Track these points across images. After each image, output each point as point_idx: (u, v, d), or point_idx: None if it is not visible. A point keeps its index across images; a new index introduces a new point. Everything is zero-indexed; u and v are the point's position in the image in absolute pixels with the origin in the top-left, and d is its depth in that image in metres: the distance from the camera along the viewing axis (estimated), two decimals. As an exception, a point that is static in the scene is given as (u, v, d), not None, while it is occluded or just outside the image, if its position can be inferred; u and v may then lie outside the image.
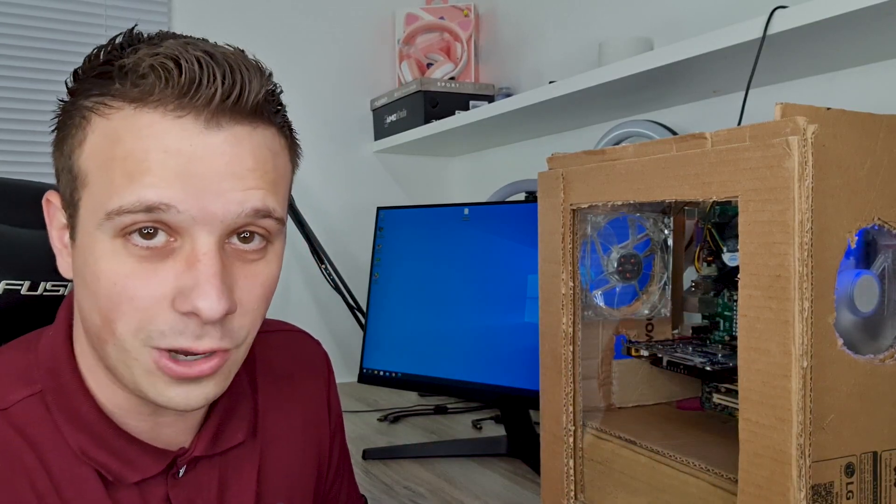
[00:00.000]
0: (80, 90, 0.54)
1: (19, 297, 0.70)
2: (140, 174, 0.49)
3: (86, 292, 0.53)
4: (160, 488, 0.59)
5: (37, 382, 0.57)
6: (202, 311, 0.50)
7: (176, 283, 0.51)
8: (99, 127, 0.51)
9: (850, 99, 1.08)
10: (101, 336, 0.53)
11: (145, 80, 0.50)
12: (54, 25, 1.67)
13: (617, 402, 0.84)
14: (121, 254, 0.51)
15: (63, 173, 0.54)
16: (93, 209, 0.51)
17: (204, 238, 0.51)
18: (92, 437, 0.56)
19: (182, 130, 0.50)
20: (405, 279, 1.43)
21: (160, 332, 0.51)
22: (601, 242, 0.81)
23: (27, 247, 0.72)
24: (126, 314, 0.51)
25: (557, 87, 1.32)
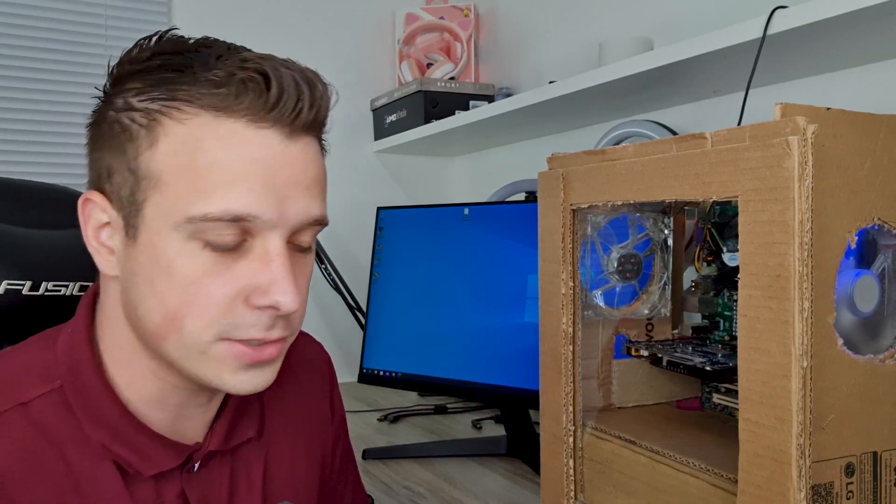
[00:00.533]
0: (135, 91, 0.54)
1: (21, 297, 0.70)
2: (226, 184, 0.52)
3: (148, 290, 0.54)
4: (176, 483, 0.60)
5: (56, 379, 0.57)
6: (282, 305, 0.53)
7: (250, 280, 0.54)
8: (173, 131, 0.53)
9: (850, 99, 1.08)
10: (159, 333, 0.54)
11: (227, 90, 0.52)
12: (54, 25, 1.67)
13: (617, 402, 0.84)
14: (197, 254, 0.53)
15: (118, 173, 0.55)
16: (168, 211, 0.52)
17: (276, 239, 0.54)
18: (112, 431, 0.57)
19: (264, 140, 0.53)
20: (405, 279, 1.43)
21: (235, 326, 0.54)
22: (601, 242, 0.81)
23: (29, 247, 0.72)
24: (199, 310, 0.53)
25: (557, 87, 1.32)
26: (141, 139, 0.53)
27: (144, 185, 0.53)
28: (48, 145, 1.68)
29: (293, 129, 0.55)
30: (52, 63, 1.67)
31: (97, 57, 1.72)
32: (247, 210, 0.52)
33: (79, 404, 0.57)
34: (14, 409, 0.55)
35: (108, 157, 0.56)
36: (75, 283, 0.74)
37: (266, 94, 0.52)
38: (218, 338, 0.54)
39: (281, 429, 0.70)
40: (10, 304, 0.70)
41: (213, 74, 0.53)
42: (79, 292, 0.74)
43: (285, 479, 0.69)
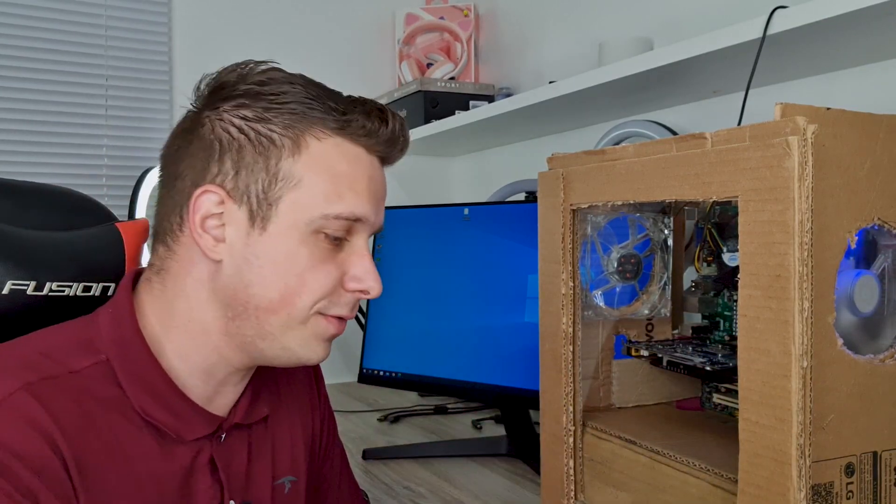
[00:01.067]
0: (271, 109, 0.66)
1: (25, 298, 0.70)
2: (356, 193, 0.66)
3: (271, 272, 0.65)
4: (206, 450, 0.68)
5: (101, 353, 0.64)
6: (373, 290, 0.68)
7: (348, 269, 0.68)
8: (314, 147, 0.65)
9: (850, 99, 1.08)
10: (272, 308, 0.65)
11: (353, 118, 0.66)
12: (54, 25, 1.67)
13: (617, 402, 0.84)
14: (317, 245, 0.65)
15: (253, 171, 0.65)
16: (304, 206, 0.65)
17: (366, 239, 0.69)
18: (156, 398, 0.65)
19: (373, 163, 0.69)
20: (405, 279, 1.43)
21: (332, 303, 0.67)
22: (601, 242, 0.82)
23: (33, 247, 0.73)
24: (313, 291, 0.65)
25: (557, 87, 1.32)
26: (285, 149, 0.65)
27: (283, 185, 0.64)
28: (48, 145, 1.68)
29: (386, 161, 0.71)
30: (52, 63, 1.67)
31: (97, 57, 1.72)
32: (363, 214, 0.66)
33: (125, 373, 0.64)
34: (66, 375, 0.61)
35: (237, 161, 0.65)
36: (79, 284, 0.74)
37: (384, 129, 0.68)
38: (317, 312, 0.66)
39: (282, 413, 0.78)
40: (14, 304, 0.70)
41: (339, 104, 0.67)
42: (82, 293, 0.75)
43: (287, 457, 0.77)
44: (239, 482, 0.70)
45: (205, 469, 0.67)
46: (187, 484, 0.66)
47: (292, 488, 0.76)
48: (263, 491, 0.73)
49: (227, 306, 0.66)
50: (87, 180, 1.71)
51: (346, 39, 1.99)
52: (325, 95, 0.67)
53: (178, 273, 0.67)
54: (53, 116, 1.68)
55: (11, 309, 0.70)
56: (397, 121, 0.69)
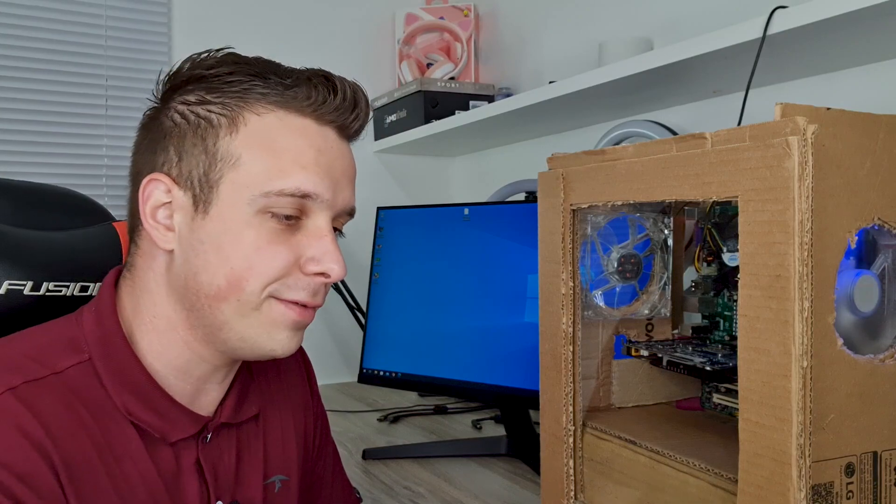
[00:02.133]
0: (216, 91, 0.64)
1: (22, 298, 0.70)
2: (299, 167, 0.62)
3: (215, 257, 0.62)
4: (192, 451, 0.67)
5: (84, 352, 0.63)
6: (334, 272, 0.64)
7: (305, 251, 0.63)
8: (253, 123, 0.63)
9: (850, 99, 1.08)
10: (220, 295, 0.62)
11: (297, 91, 0.63)
12: (54, 25, 1.67)
13: (617, 402, 0.84)
14: (264, 226, 0.62)
15: (192, 155, 0.63)
16: (244, 186, 0.62)
17: (326, 220, 0.65)
18: (139, 397, 0.63)
19: (326, 136, 0.65)
20: (405, 279, 1.43)
21: (287, 287, 0.63)
22: (601, 242, 0.81)
23: (30, 247, 0.73)
24: (261, 274, 0.62)
25: (557, 87, 1.32)
26: (222, 128, 0.63)
27: (222, 166, 0.62)
28: (48, 145, 1.68)
29: (343, 132, 0.67)
30: (52, 63, 1.67)
31: (97, 57, 1.72)
32: (313, 189, 0.62)
33: (108, 372, 0.62)
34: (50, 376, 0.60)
35: (179, 146, 0.64)
36: (76, 284, 0.74)
37: (332, 98, 0.64)
38: (269, 296, 0.63)
39: (272, 410, 0.77)
40: (11, 304, 0.70)
41: (285, 78, 0.64)
42: (79, 293, 0.75)
43: (278, 456, 0.76)
44: (227, 482, 0.69)
45: (191, 470, 0.66)
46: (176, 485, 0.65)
47: (283, 487, 0.75)
48: (254, 490, 0.72)
49: (182, 297, 0.64)
50: (86, 180, 1.71)
51: (346, 39, 1.99)
52: (270, 71, 0.64)
53: (142, 268, 0.66)
54: (53, 116, 1.68)
55: (8, 309, 0.70)
56: (348, 86, 0.66)
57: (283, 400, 0.79)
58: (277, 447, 0.76)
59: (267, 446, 0.75)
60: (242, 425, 0.72)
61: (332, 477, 0.87)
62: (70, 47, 1.69)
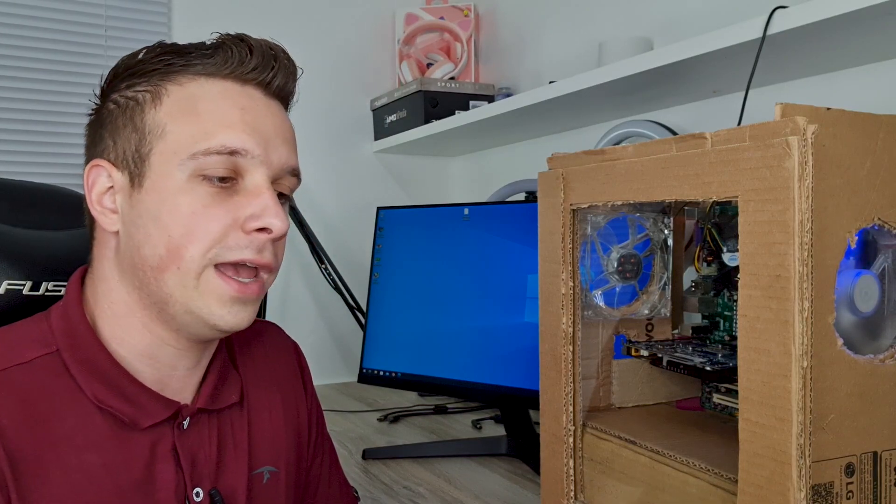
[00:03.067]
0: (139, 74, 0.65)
1: (21, 297, 0.71)
2: (224, 125, 0.63)
3: (153, 227, 0.63)
4: (168, 439, 0.66)
5: (52, 344, 0.64)
6: (274, 226, 0.63)
7: (244, 210, 0.63)
8: (175, 92, 0.64)
9: (850, 99, 1.08)
10: (162, 265, 0.62)
11: (220, 58, 0.64)
12: (54, 25, 1.67)
13: (617, 402, 0.84)
14: (197, 190, 0.62)
15: (121, 138, 0.65)
16: (172, 152, 0.62)
17: (263, 177, 0.64)
18: (107, 384, 0.63)
19: (250, 94, 0.66)
20: (405, 279, 1.43)
21: (229, 248, 0.63)
22: (601, 242, 0.81)
23: (29, 247, 0.73)
24: (200, 238, 0.62)
25: (557, 87, 1.32)
26: (147, 104, 0.64)
27: (150, 138, 0.63)
28: (48, 145, 1.68)
29: (269, 89, 0.67)
30: (52, 63, 1.67)
31: (97, 57, 1.72)
32: (240, 145, 0.62)
33: (75, 362, 0.63)
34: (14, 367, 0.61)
35: (112, 130, 0.65)
36: (75, 284, 0.74)
37: (249, 57, 0.65)
38: (212, 262, 0.62)
39: (261, 401, 0.77)
40: (10, 304, 0.70)
41: (203, 47, 0.65)
42: (78, 292, 0.74)
43: (266, 447, 0.75)
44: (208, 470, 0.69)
45: (167, 457, 0.66)
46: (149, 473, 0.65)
47: (272, 479, 0.75)
48: (237, 480, 0.71)
49: (132, 276, 0.64)
50: (86, 180, 1.71)
51: (346, 39, 1.99)
52: (193, 48, 0.66)
53: (97, 257, 0.67)
54: (53, 116, 1.68)
55: (7, 308, 0.70)
56: (264, 43, 0.67)
57: (272, 391, 0.79)
58: (265, 437, 0.75)
59: (253, 436, 0.74)
60: (224, 413, 0.72)
61: (329, 475, 0.87)
62: (70, 47, 1.69)
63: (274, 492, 0.75)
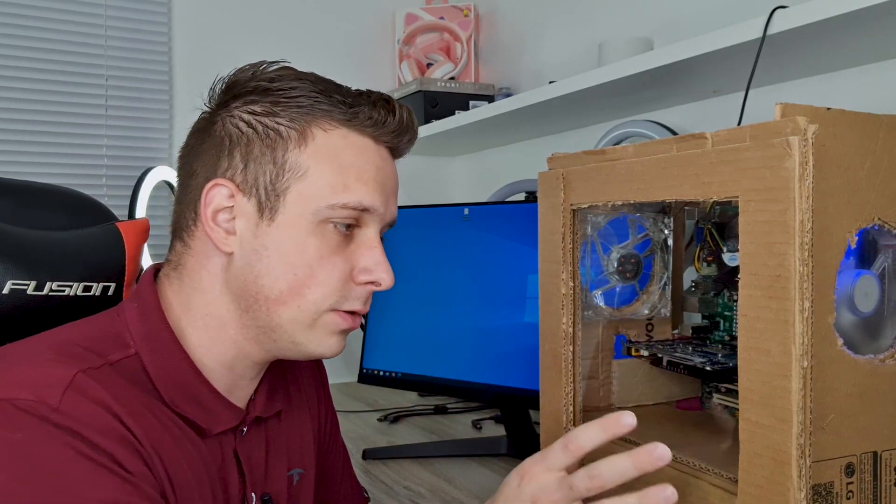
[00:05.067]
0: (283, 105, 0.67)
1: (25, 297, 0.70)
2: (363, 182, 0.66)
3: (280, 263, 0.65)
4: (230, 444, 0.69)
5: (130, 347, 0.64)
6: (384, 282, 0.68)
7: (358, 261, 0.67)
8: (320, 138, 0.66)
9: (850, 99, 1.08)
10: (282, 300, 0.65)
11: (360, 110, 0.67)
12: (54, 25, 1.67)
13: (617, 402, 0.84)
14: (325, 235, 0.66)
15: (259, 165, 0.66)
16: (310, 197, 0.65)
17: (376, 231, 0.69)
18: (185, 390, 0.65)
19: (382, 154, 0.69)
20: (405, 279, 1.43)
21: (344, 298, 0.67)
22: (601, 242, 0.81)
23: (33, 247, 0.73)
24: (321, 283, 0.65)
25: (557, 87, 1.32)
26: (291, 140, 0.66)
27: (289, 177, 0.65)
28: (48, 145, 1.68)
29: (396, 152, 0.71)
30: (52, 63, 1.67)
31: (97, 57, 1.72)
32: (371, 203, 0.66)
33: (155, 367, 0.64)
34: (105, 366, 0.61)
35: (245, 152, 0.66)
36: (79, 284, 0.74)
37: (391, 119, 0.68)
38: (330, 308, 0.66)
39: (291, 405, 0.79)
40: (14, 304, 0.70)
41: (346, 97, 0.67)
42: (82, 293, 0.75)
43: (298, 449, 0.78)
44: (259, 475, 0.71)
45: (232, 461, 0.68)
46: (220, 476, 0.67)
47: (301, 480, 0.77)
48: (280, 484, 0.74)
49: (239, 298, 0.66)
50: (87, 180, 1.71)
51: (346, 39, 1.98)
52: (333, 90, 0.68)
53: (194, 268, 0.68)
54: (53, 116, 1.68)
55: (12, 309, 0.70)
56: (404, 111, 0.70)
57: (299, 397, 0.81)
58: (296, 441, 0.78)
59: (289, 441, 0.77)
60: (269, 421, 0.75)
61: (343, 472, 0.89)
62: (70, 47, 1.69)
63: (304, 492, 0.78)
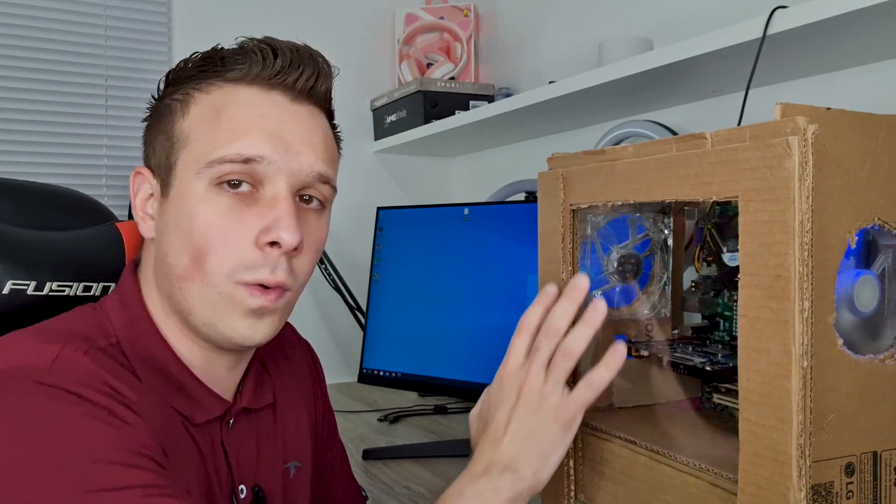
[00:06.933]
0: (179, 81, 0.66)
1: (25, 297, 0.71)
2: (241, 132, 0.61)
3: (177, 236, 0.62)
4: (217, 435, 0.68)
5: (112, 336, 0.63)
6: (283, 239, 0.61)
7: (259, 222, 0.61)
8: (201, 100, 0.64)
9: (850, 99, 1.08)
10: (187, 275, 0.62)
11: (244, 63, 0.63)
12: (54, 25, 1.67)
13: (617, 402, 0.84)
14: (215, 200, 0.61)
15: (158, 144, 0.65)
16: (193, 161, 0.62)
17: (282, 186, 0.62)
18: (167, 380, 0.64)
19: (273, 101, 0.64)
20: (405, 279, 1.43)
21: (245, 267, 0.61)
22: (601, 242, 0.81)
23: (33, 247, 0.73)
24: (218, 251, 0.61)
25: (557, 87, 1.32)
26: (176, 112, 0.64)
27: (177, 147, 0.63)
28: (48, 145, 1.68)
29: (296, 94, 0.65)
30: (52, 63, 1.67)
31: (97, 57, 1.72)
32: (255, 151, 0.61)
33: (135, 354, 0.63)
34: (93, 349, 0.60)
35: (153, 135, 0.67)
36: (79, 284, 0.75)
37: (273, 62, 0.63)
38: (232, 280, 0.61)
39: (287, 399, 0.79)
40: (14, 304, 0.70)
41: (237, 52, 0.64)
42: (83, 293, 0.75)
43: (293, 444, 0.77)
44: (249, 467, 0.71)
45: (218, 452, 0.68)
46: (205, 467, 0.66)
47: (297, 473, 0.77)
48: (274, 475, 0.73)
49: (161, 283, 0.65)
50: (87, 180, 1.71)
51: (346, 39, 1.99)
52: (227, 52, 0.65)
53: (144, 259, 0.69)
54: (53, 116, 1.68)
55: (12, 309, 0.70)
56: (289, 45, 0.65)
57: (295, 391, 0.81)
58: (292, 434, 0.78)
59: (284, 433, 0.76)
60: (260, 413, 0.74)
61: (341, 470, 0.90)
62: (70, 47, 1.69)
63: (299, 486, 0.77)
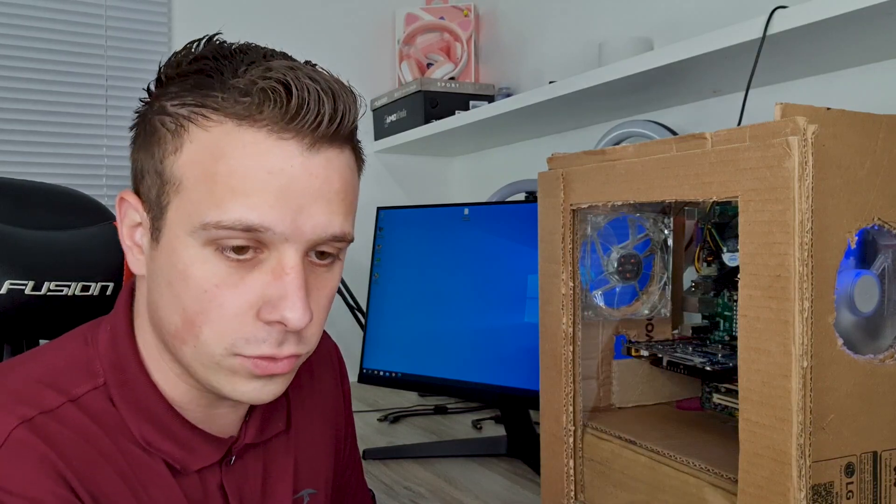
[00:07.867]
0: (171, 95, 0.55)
1: (23, 297, 0.71)
2: (243, 194, 0.51)
3: (168, 292, 0.54)
4: (215, 476, 0.61)
5: (99, 376, 0.57)
6: (290, 322, 0.52)
7: (262, 292, 0.53)
8: (198, 137, 0.53)
9: (850, 99, 1.08)
10: (179, 336, 0.55)
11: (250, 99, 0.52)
12: (54, 25, 1.67)
13: (617, 402, 0.84)
14: (211, 262, 0.52)
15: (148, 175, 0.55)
16: (186, 216, 0.53)
17: (291, 253, 0.53)
18: (158, 427, 0.58)
19: (284, 151, 0.52)
20: (405, 279, 1.43)
21: (245, 341, 0.53)
22: (601, 242, 0.81)
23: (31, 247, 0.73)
24: (213, 321, 0.53)
25: (557, 87, 1.32)
26: (168, 143, 0.54)
27: (168, 189, 0.54)
28: (48, 145, 1.68)
29: (314, 140, 0.54)
30: (52, 63, 1.67)
31: (97, 57, 1.72)
32: (259, 221, 0.51)
33: (123, 399, 0.57)
34: (67, 403, 0.55)
35: (143, 157, 0.56)
36: (77, 283, 0.74)
37: (287, 105, 0.52)
38: (230, 353, 0.54)
39: (305, 421, 0.71)
40: (12, 304, 0.70)
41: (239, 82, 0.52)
42: (81, 292, 0.75)
43: (311, 468, 0.71)
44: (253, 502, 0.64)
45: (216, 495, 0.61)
46: None
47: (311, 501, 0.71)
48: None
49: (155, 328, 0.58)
50: (87, 180, 1.71)
51: (346, 39, 1.98)
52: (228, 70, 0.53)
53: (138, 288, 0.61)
54: (53, 116, 1.68)
55: (10, 308, 0.70)
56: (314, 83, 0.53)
57: (318, 412, 0.73)
58: (310, 460, 0.71)
59: (298, 460, 0.69)
60: (270, 443, 0.67)
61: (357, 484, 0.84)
62: (70, 47, 1.69)
63: None
